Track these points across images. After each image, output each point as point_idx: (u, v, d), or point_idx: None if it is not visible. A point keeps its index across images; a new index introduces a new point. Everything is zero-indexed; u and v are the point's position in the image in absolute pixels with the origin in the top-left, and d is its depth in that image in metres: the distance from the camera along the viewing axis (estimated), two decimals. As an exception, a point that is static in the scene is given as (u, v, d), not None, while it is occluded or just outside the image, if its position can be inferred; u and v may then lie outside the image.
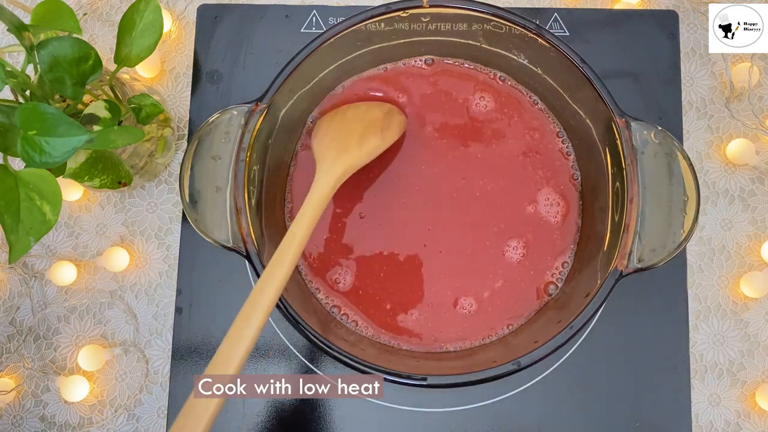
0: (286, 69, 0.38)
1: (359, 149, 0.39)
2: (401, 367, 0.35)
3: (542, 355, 0.34)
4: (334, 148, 0.39)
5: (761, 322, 0.47)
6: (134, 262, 0.48)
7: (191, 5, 0.52)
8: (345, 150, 0.39)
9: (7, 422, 0.47)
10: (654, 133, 0.36)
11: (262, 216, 0.39)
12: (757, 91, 0.50)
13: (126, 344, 0.47)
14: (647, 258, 0.35)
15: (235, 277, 0.47)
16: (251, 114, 0.37)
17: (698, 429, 0.45)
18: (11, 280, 0.49)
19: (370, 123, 0.41)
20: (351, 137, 0.40)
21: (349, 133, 0.40)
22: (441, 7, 0.39)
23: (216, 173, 0.37)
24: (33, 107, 0.31)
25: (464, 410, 0.45)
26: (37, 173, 0.34)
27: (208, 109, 0.50)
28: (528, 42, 0.39)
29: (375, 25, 0.40)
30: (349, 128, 0.41)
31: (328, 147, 0.40)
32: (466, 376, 0.34)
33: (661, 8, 0.51)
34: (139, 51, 0.40)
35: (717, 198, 0.48)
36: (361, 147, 0.39)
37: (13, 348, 0.48)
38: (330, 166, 0.38)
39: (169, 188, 0.49)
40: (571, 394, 0.45)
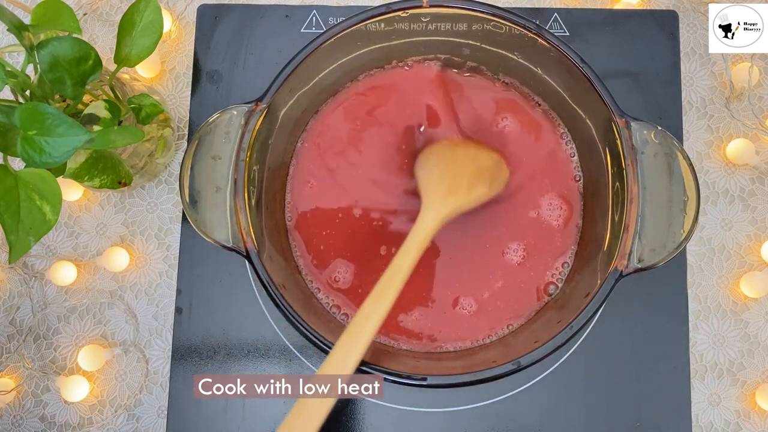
0: (286, 69, 0.38)
1: (468, 194, 0.38)
2: (401, 367, 0.35)
3: (542, 355, 0.34)
4: (444, 185, 0.38)
5: (761, 322, 0.47)
6: (134, 262, 0.48)
7: (191, 5, 0.52)
8: (455, 190, 0.38)
9: (7, 422, 0.47)
10: (654, 133, 0.36)
11: (262, 216, 0.39)
12: (757, 91, 0.50)
13: (126, 344, 0.47)
14: (647, 258, 0.35)
15: (235, 277, 0.47)
16: (251, 114, 0.37)
17: (698, 429, 0.45)
18: (11, 280, 0.49)
19: (480, 169, 0.40)
20: (462, 179, 0.39)
21: (461, 173, 0.39)
22: (441, 7, 0.39)
23: (216, 173, 0.36)
24: (33, 107, 0.31)
25: (464, 410, 0.45)
26: (37, 173, 0.34)
27: (208, 109, 0.49)
28: (528, 42, 0.39)
29: (375, 25, 0.40)
30: (460, 168, 0.40)
31: (438, 183, 0.39)
32: (466, 376, 0.34)
33: (661, 8, 0.51)
34: (139, 51, 0.40)
35: (717, 198, 0.48)
36: (470, 191, 0.38)
37: (13, 348, 0.48)
38: (439, 204, 0.37)
39: (169, 188, 0.49)
40: (571, 394, 0.45)
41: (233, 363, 0.46)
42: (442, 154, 0.41)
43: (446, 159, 0.41)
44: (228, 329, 0.46)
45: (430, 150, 0.42)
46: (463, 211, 0.38)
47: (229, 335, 0.46)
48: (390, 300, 0.33)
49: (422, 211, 0.37)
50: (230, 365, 0.46)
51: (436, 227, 0.36)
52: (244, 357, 0.46)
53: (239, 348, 0.46)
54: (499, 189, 0.41)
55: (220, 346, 0.46)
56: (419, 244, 0.35)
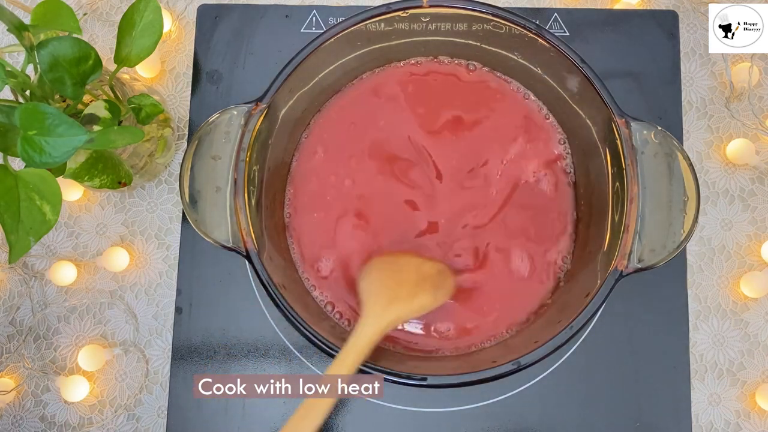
0: (286, 69, 0.38)
1: (410, 302, 0.37)
2: (401, 367, 0.35)
3: (542, 355, 0.34)
4: (384, 294, 0.38)
5: (761, 322, 0.47)
6: (134, 262, 0.48)
7: (191, 5, 0.52)
8: (396, 299, 0.37)
9: (7, 422, 0.47)
10: (654, 133, 0.36)
11: (262, 216, 0.39)
12: (757, 91, 0.50)
13: (126, 344, 0.47)
14: (647, 258, 0.35)
15: (235, 277, 0.47)
16: (251, 114, 0.37)
17: (698, 429, 0.45)
18: (11, 280, 0.49)
19: (423, 278, 0.39)
20: (402, 287, 0.38)
21: (402, 282, 0.39)
22: (441, 7, 0.39)
23: (216, 173, 0.37)
24: (33, 107, 0.31)
25: (464, 410, 0.45)
26: (37, 173, 0.34)
27: (208, 109, 0.49)
28: (528, 42, 0.39)
29: (375, 25, 0.40)
30: (401, 277, 0.39)
31: (378, 292, 0.38)
32: (466, 376, 0.34)
33: (661, 8, 0.51)
34: (139, 51, 0.40)
35: (717, 198, 0.48)
36: (412, 300, 0.38)
37: (13, 348, 0.48)
38: (379, 313, 0.36)
39: (169, 188, 0.49)
40: (571, 394, 0.45)
41: (233, 363, 0.46)
42: (383, 265, 0.40)
43: (387, 270, 0.40)
44: (228, 329, 0.46)
45: (372, 262, 0.41)
46: (405, 320, 0.37)
47: (229, 335, 0.46)
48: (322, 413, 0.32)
49: (362, 319, 0.36)
50: (230, 365, 0.46)
51: (377, 337, 0.35)
52: (244, 357, 0.46)
53: (239, 348, 0.46)
54: (445, 298, 0.40)
55: (220, 346, 0.46)
56: (357, 354, 0.34)
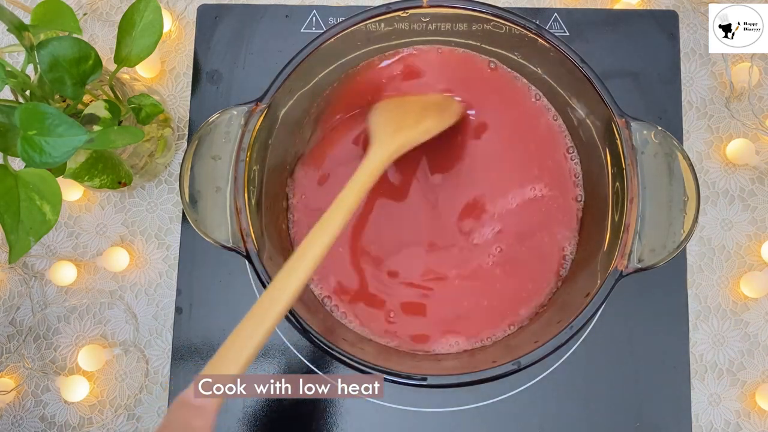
0: (286, 69, 0.38)
1: (416, 127, 0.39)
2: (401, 367, 0.35)
3: (542, 355, 0.34)
4: (390, 125, 0.39)
5: (761, 322, 0.47)
6: (134, 262, 0.48)
7: (191, 5, 0.52)
8: (401, 127, 0.39)
9: (7, 422, 0.47)
10: (654, 133, 0.36)
11: (262, 216, 0.39)
12: (757, 91, 0.50)
13: (126, 344, 0.47)
14: (647, 258, 0.35)
15: (235, 277, 0.47)
16: (251, 114, 0.37)
17: (698, 429, 0.45)
18: (11, 280, 0.49)
19: (428, 104, 0.42)
20: (408, 116, 0.40)
21: (407, 112, 0.41)
22: (441, 7, 0.39)
23: (216, 173, 0.37)
24: (33, 107, 0.31)
25: (464, 410, 0.45)
26: (37, 173, 0.34)
27: (208, 109, 0.49)
28: (528, 42, 0.39)
29: (375, 25, 0.40)
30: (406, 108, 0.41)
31: (385, 124, 0.40)
32: (466, 376, 0.34)
33: (661, 8, 0.51)
34: (139, 51, 0.40)
35: (717, 198, 0.48)
36: (417, 125, 0.39)
37: (13, 348, 0.48)
38: (385, 140, 0.38)
39: (169, 188, 0.49)
40: (571, 394, 0.45)
41: (233, 363, 0.46)
42: (390, 102, 0.43)
43: (394, 104, 0.42)
44: (228, 329, 0.46)
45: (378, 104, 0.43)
46: (413, 144, 0.39)
47: (228, 335, 0.46)
48: (332, 233, 0.33)
49: (370, 148, 0.38)
50: (230, 365, 0.46)
51: (384, 162, 0.37)
52: (244, 357, 0.46)
53: (239, 348, 0.46)
54: (451, 120, 0.41)
55: (221, 345, 0.46)
56: (366, 178, 0.35)
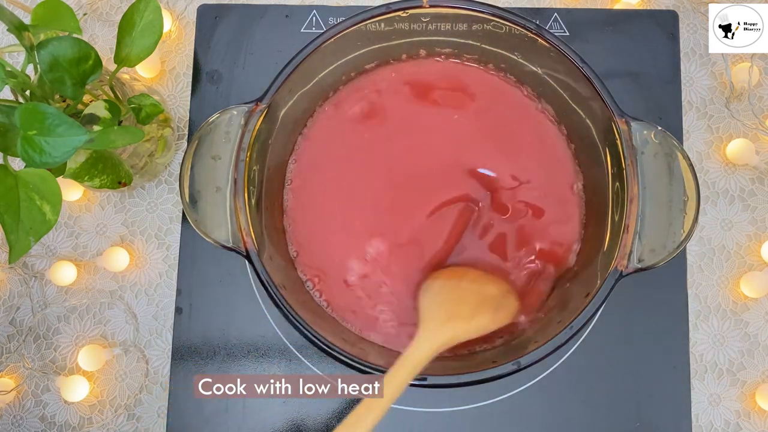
0: (286, 69, 0.38)
1: (469, 322, 0.37)
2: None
3: (542, 355, 0.34)
4: (444, 311, 0.37)
5: (761, 322, 0.47)
6: (134, 262, 0.48)
7: (191, 5, 0.52)
8: (455, 317, 0.37)
9: (7, 422, 0.47)
10: (654, 133, 0.36)
11: (262, 216, 0.39)
12: (757, 91, 0.50)
13: (126, 344, 0.47)
14: (647, 258, 0.34)
15: (235, 277, 0.47)
16: (251, 114, 0.37)
17: (698, 429, 0.45)
18: (11, 280, 0.49)
19: (485, 299, 0.38)
20: (463, 307, 0.37)
21: (462, 301, 0.38)
22: (441, 7, 0.39)
23: (216, 173, 0.36)
24: (33, 107, 0.31)
25: (464, 410, 0.45)
26: (37, 173, 0.34)
27: (208, 109, 0.49)
28: (528, 42, 0.39)
29: (375, 25, 0.40)
30: (462, 296, 0.38)
31: (438, 308, 0.37)
32: (466, 376, 0.34)
33: (661, 8, 0.51)
34: (139, 51, 0.40)
35: (717, 198, 0.48)
36: (471, 320, 0.37)
37: (13, 348, 0.48)
38: (437, 329, 0.36)
39: (169, 188, 0.49)
40: (571, 394, 0.45)
41: (233, 363, 0.46)
42: (447, 282, 0.40)
43: (450, 287, 0.39)
44: (228, 329, 0.46)
45: (435, 277, 0.41)
46: (461, 340, 0.37)
47: (229, 335, 0.46)
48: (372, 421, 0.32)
49: (418, 334, 0.36)
50: (230, 365, 0.46)
51: (431, 354, 0.35)
52: (244, 357, 0.46)
53: (239, 348, 0.46)
54: (506, 320, 0.39)
55: (220, 346, 0.46)
56: (410, 370, 0.33)
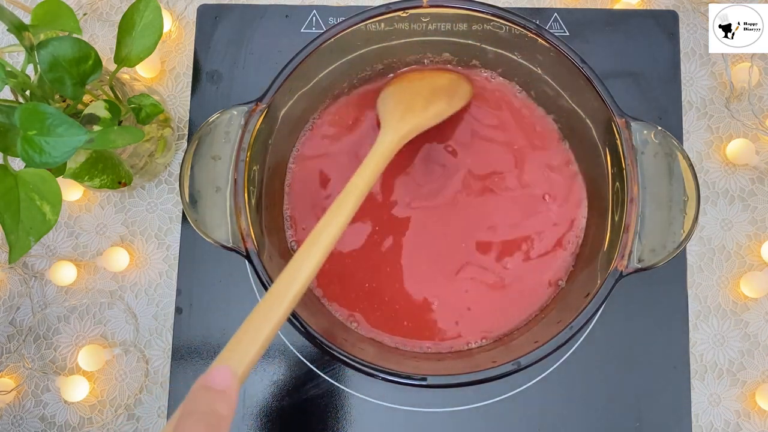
0: (286, 69, 0.38)
1: (425, 111, 0.39)
2: (401, 367, 0.35)
3: (542, 355, 0.34)
4: (399, 108, 0.39)
5: (761, 322, 0.47)
6: (134, 262, 0.48)
7: (191, 5, 0.52)
8: (411, 110, 0.39)
9: (7, 422, 0.47)
10: (654, 133, 0.36)
11: (262, 216, 0.39)
12: (757, 91, 0.50)
13: (126, 344, 0.47)
14: (647, 258, 0.35)
15: (235, 277, 0.47)
16: (251, 114, 0.37)
17: (698, 429, 0.45)
18: (11, 280, 0.49)
19: (437, 88, 0.41)
20: (417, 99, 0.40)
21: (416, 95, 0.40)
22: (441, 7, 0.39)
23: (216, 173, 0.37)
24: (33, 107, 0.31)
25: (464, 410, 0.45)
26: (37, 173, 0.34)
27: (208, 109, 0.50)
28: (528, 42, 0.39)
29: (375, 25, 0.40)
30: (415, 91, 0.41)
31: (394, 107, 0.40)
32: (466, 376, 0.34)
33: (661, 8, 0.51)
34: (139, 51, 0.40)
35: (717, 198, 0.48)
36: (427, 109, 0.39)
37: (13, 348, 0.48)
38: (396, 124, 0.38)
39: (169, 188, 0.49)
40: (571, 394, 0.45)
41: (233, 363, 0.46)
42: (398, 85, 0.42)
43: (402, 87, 0.42)
44: (228, 329, 0.46)
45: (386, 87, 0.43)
46: (422, 128, 0.39)
47: (229, 335, 0.45)
48: (344, 216, 0.33)
49: (380, 132, 0.38)
50: (230, 365, 0.46)
51: (395, 146, 0.37)
52: (244, 357, 0.46)
53: (239, 348, 0.46)
54: (461, 103, 0.41)
55: (220, 346, 0.46)
56: (376, 164, 0.35)
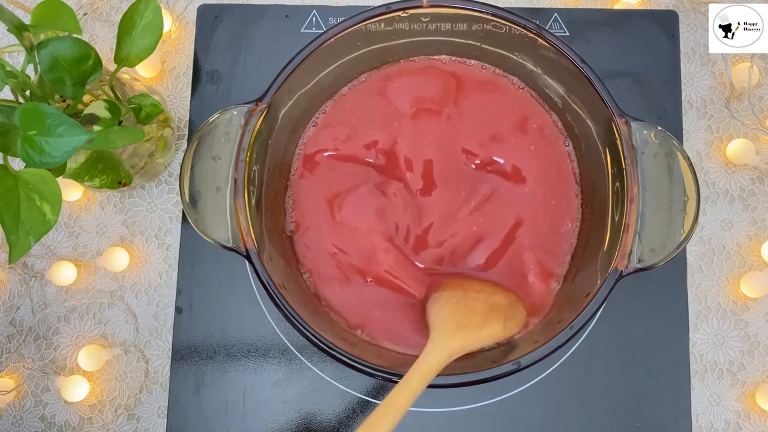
0: (286, 69, 0.38)
1: (479, 331, 0.37)
2: (401, 368, 0.35)
3: (542, 355, 0.34)
4: (453, 321, 0.37)
5: (761, 322, 0.47)
6: (134, 262, 0.48)
7: (191, 5, 0.52)
8: (465, 327, 0.37)
9: (7, 422, 0.47)
10: (654, 133, 0.36)
11: (262, 216, 0.39)
12: (757, 91, 0.50)
13: (126, 344, 0.47)
14: (647, 258, 0.35)
15: (235, 277, 0.47)
16: (251, 114, 0.37)
17: (698, 429, 0.45)
18: (11, 280, 0.49)
19: (494, 308, 0.39)
20: (473, 316, 0.38)
21: (471, 311, 0.38)
22: (441, 7, 0.39)
23: (216, 173, 0.37)
24: (33, 107, 0.31)
25: (464, 410, 0.45)
26: (37, 173, 0.34)
27: (208, 109, 0.50)
28: (528, 42, 0.39)
29: (375, 25, 0.40)
30: (471, 306, 0.38)
31: (448, 318, 0.37)
32: (466, 376, 0.34)
33: (661, 8, 0.51)
34: (139, 51, 0.40)
35: (717, 198, 0.48)
36: (481, 329, 0.37)
37: (13, 348, 0.48)
38: (446, 339, 0.36)
39: (169, 188, 0.49)
40: (571, 394, 0.45)
41: (233, 363, 0.46)
42: (455, 293, 0.40)
43: (458, 298, 0.39)
44: (228, 329, 0.46)
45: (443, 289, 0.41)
46: (472, 348, 0.37)
47: (229, 335, 0.46)
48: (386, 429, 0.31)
49: (429, 344, 0.36)
50: (230, 365, 0.46)
51: (442, 363, 0.34)
52: (244, 357, 0.46)
53: (239, 348, 0.46)
54: (515, 330, 0.39)
55: (220, 346, 0.46)
56: (421, 379, 0.33)
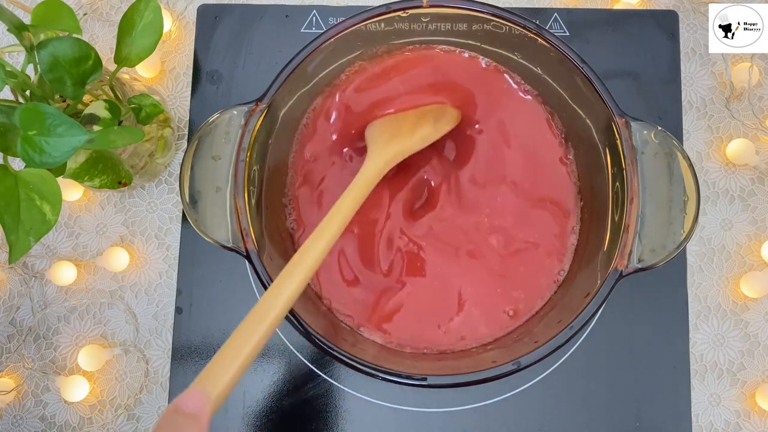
0: (286, 69, 0.38)
1: (411, 135, 0.40)
2: (401, 367, 0.35)
3: (542, 355, 0.34)
4: (386, 134, 0.40)
5: (761, 322, 0.47)
6: (134, 262, 0.48)
7: (191, 5, 0.52)
8: (397, 134, 0.40)
9: (7, 422, 0.47)
10: (654, 133, 0.36)
11: (262, 216, 0.39)
12: (757, 91, 0.50)
13: (126, 344, 0.47)
14: (647, 258, 0.35)
15: (235, 277, 0.47)
16: (251, 114, 0.37)
17: (698, 429, 0.45)
18: (11, 280, 0.49)
19: (423, 113, 0.42)
20: (404, 124, 0.41)
21: (402, 120, 0.41)
22: (441, 7, 0.39)
23: (216, 173, 0.37)
24: (33, 107, 0.31)
25: (464, 410, 0.45)
26: (37, 173, 0.34)
27: (208, 109, 0.50)
28: (528, 42, 0.39)
29: (375, 25, 0.40)
30: (401, 119, 0.42)
31: (380, 134, 0.40)
32: (466, 376, 0.34)
33: (661, 8, 0.51)
34: (139, 51, 0.40)
35: (717, 198, 0.48)
36: (413, 133, 0.40)
37: (13, 348, 0.48)
38: (381, 149, 0.39)
39: (169, 188, 0.49)
40: (571, 394, 0.45)
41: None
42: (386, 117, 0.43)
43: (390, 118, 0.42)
44: (228, 329, 0.46)
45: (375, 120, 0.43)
46: (409, 152, 0.39)
47: (228, 335, 0.46)
48: (329, 239, 0.34)
49: (367, 157, 0.38)
50: (230, 365, 0.46)
51: (381, 170, 0.37)
52: (244, 357, 0.46)
53: (239, 348, 0.46)
54: (447, 127, 0.41)
55: (220, 346, 0.46)
56: (362, 187, 0.36)
